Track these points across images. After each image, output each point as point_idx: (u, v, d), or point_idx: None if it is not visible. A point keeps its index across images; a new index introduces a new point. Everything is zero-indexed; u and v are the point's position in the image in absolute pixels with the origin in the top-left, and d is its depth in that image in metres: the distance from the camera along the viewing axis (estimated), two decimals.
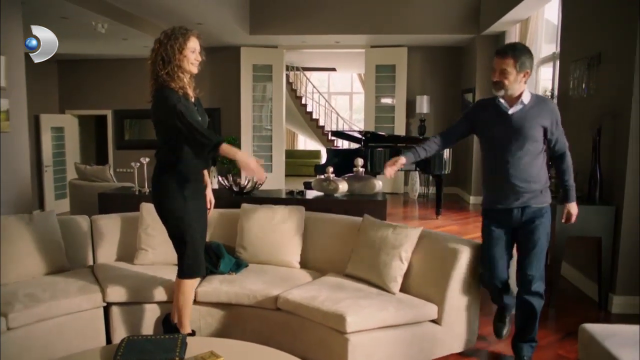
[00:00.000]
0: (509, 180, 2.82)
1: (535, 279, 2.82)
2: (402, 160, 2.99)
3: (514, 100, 2.78)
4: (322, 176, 4.29)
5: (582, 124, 4.30)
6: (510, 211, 2.87)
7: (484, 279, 3.02)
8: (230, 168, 8.99)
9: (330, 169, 4.21)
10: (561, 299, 4.05)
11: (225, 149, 2.60)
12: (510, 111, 2.79)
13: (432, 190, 9.29)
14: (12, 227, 3.20)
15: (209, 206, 3.14)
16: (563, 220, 3.03)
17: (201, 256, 2.90)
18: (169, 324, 2.99)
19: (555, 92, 5.13)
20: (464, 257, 2.97)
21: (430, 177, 9.05)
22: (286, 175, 10.09)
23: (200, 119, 2.74)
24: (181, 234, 2.80)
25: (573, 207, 3.03)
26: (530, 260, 2.83)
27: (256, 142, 9.89)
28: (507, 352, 3.13)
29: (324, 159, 13.00)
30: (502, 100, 2.81)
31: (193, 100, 2.81)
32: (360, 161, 4.23)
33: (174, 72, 2.69)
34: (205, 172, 3.10)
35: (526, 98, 2.77)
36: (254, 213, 3.61)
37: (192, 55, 2.75)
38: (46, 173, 9.11)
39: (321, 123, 13.56)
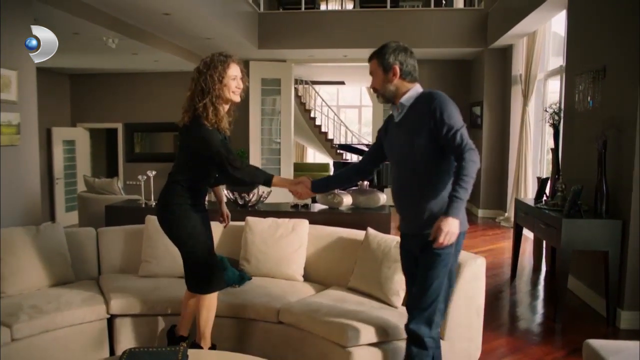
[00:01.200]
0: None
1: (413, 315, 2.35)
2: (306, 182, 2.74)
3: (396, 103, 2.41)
4: None
5: (587, 137, 4.28)
6: (407, 235, 2.50)
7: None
8: None
9: None
10: (568, 313, 4.00)
11: (277, 182, 2.69)
12: (396, 118, 2.43)
13: None
14: (19, 239, 3.25)
15: (226, 220, 3.19)
16: (431, 238, 2.18)
17: (219, 267, 2.91)
18: (173, 336, 3.00)
19: (562, 105, 5.11)
20: (467, 271, 2.95)
21: None
22: None
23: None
24: (200, 253, 2.78)
25: (445, 223, 2.13)
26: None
27: (265, 155, 9.94)
28: None
29: (332, 172, 13.06)
30: (394, 110, 2.45)
31: (228, 134, 2.78)
32: None
33: (212, 103, 2.62)
34: (220, 187, 3.16)
35: (406, 99, 2.37)
36: (258, 226, 3.63)
37: (234, 83, 2.69)
38: (57, 185, 9.22)
39: (330, 136, 13.59)
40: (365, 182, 4.29)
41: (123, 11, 6.01)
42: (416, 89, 2.39)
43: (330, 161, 13.70)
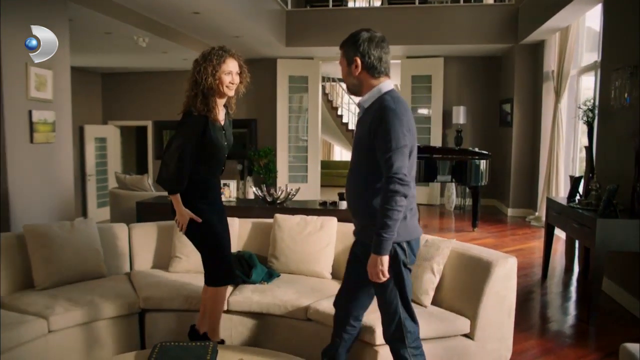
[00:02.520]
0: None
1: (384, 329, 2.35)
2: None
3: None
4: None
5: (623, 134, 4.16)
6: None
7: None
8: (265, 179, 9.10)
9: None
10: (602, 316, 3.90)
11: (173, 199, 2.75)
12: (359, 115, 2.34)
13: (468, 202, 9.15)
14: (55, 234, 3.33)
15: None
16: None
17: (232, 262, 2.96)
18: (196, 334, 3.00)
19: (597, 102, 4.98)
20: (499, 271, 2.90)
21: (467, 189, 8.92)
22: (321, 186, 10.12)
23: (224, 142, 2.83)
24: (212, 244, 2.83)
25: (371, 263, 2.13)
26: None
27: (292, 153, 9.97)
28: None
29: None
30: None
31: (223, 123, 2.84)
32: None
33: (203, 94, 2.69)
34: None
35: (366, 99, 2.25)
36: (286, 223, 3.64)
37: (227, 77, 2.73)
38: (89, 182, 9.43)
39: None
40: None
41: (154, 10, 6.11)
42: (380, 87, 2.22)
43: None
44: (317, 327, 2.99)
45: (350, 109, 14.22)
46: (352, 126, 13.66)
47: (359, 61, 2.22)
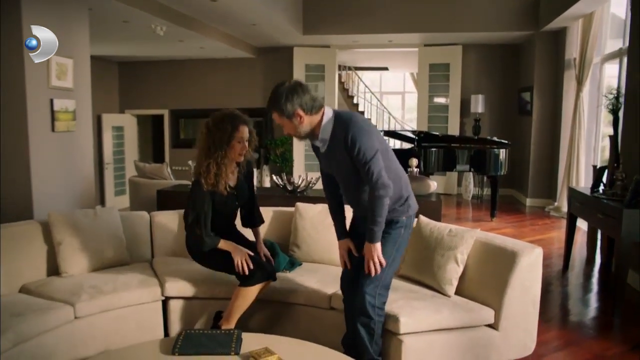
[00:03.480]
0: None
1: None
2: (346, 247, 2.74)
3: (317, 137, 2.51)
4: None
5: None
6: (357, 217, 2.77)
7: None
8: (283, 167, 9.10)
9: None
10: (627, 308, 3.84)
11: (222, 244, 2.91)
12: (322, 149, 2.56)
13: (486, 191, 9.07)
14: (80, 221, 3.35)
15: (263, 258, 3.12)
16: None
17: (260, 264, 2.97)
18: (218, 320, 3.04)
19: (623, 90, 4.87)
20: (524, 261, 2.87)
21: (485, 178, 8.83)
22: None
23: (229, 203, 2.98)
24: (232, 263, 2.92)
25: (367, 250, 2.50)
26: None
27: (308, 142, 9.91)
28: None
29: None
30: (317, 144, 2.57)
31: (233, 184, 2.97)
32: (414, 161, 4.17)
33: (216, 163, 2.80)
34: (257, 229, 3.23)
35: (324, 132, 2.46)
36: (308, 212, 3.63)
37: (239, 145, 2.84)
38: (106, 170, 9.51)
39: (373, 122, 13.48)
40: (415, 169, 4.22)
41: None
42: (327, 114, 2.45)
43: None
44: (340, 316, 2.95)
45: (366, 98, 14.13)
46: (368, 115, 13.59)
47: (300, 111, 2.41)
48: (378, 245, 2.49)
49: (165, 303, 3.21)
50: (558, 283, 4.61)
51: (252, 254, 3.00)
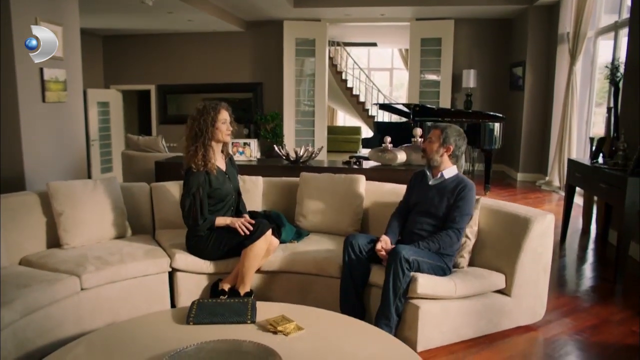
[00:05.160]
0: None
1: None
2: (388, 240, 2.93)
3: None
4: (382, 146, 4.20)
5: None
6: None
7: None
8: (274, 143, 8.99)
9: (388, 139, 4.11)
10: (628, 276, 3.89)
11: (219, 221, 3.04)
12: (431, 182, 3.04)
13: (477, 167, 9.10)
14: (79, 191, 3.24)
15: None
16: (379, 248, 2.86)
17: (258, 221, 3.02)
18: (216, 289, 3.05)
19: (621, 62, 4.86)
20: (537, 228, 2.87)
21: (476, 154, 8.86)
22: (327, 151, 10.01)
23: (221, 187, 3.09)
24: (234, 239, 3.01)
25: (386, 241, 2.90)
26: None
27: (299, 117, 9.82)
28: (576, 326, 3.04)
29: (364, 134, 12.89)
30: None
31: (223, 168, 3.14)
32: (419, 131, 4.13)
33: (203, 145, 2.99)
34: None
35: (447, 173, 2.99)
36: (313, 182, 3.57)
37: (224, 126, 3.05)
38: (92, 147, 9.28)
39: (361, 99, 13.39)
40: (420, 139, 4.18)
41: None
42: (454, 167, 3.03)
43: (362, 124, 13.54)
44: None
45: (354, 74, 14.00)
46: (356, 91, 13.49)
47: (452, 147, 2.97)
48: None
49: (171, 275, 3.14)
50: (557, 253, 4.64)
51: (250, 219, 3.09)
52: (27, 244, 3.09)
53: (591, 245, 4.98)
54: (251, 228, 2.97)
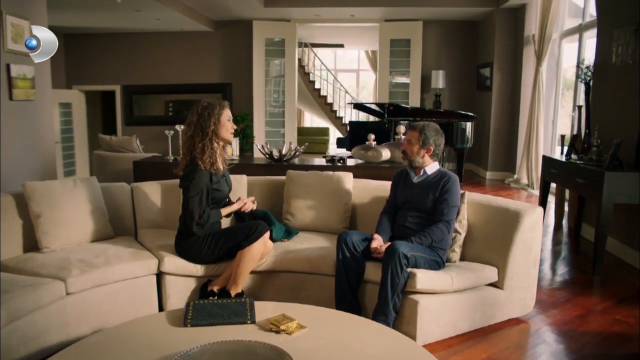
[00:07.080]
0: None
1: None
2: (381, 239, 2.95)
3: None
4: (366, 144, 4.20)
5: (627, 91, 4.23)
6: None
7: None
8: (244, 144, 8.87)
9: (372, 137, 4.11)
10: (604, 267, 4.01)
11: (224, 211, 3.03)
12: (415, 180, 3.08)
13: (448, 166, 9.24)
14: (58, 192, 3.09)
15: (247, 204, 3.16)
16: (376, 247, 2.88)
17: (255, 223, 2.94)
18: (205, 291, 2.97)
19: (587, 63, 5.02)
20: (527, 221, 2.91)
21: (446, 153, 8.99)
22: None
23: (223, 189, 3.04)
24: (230, 236, 2.95)
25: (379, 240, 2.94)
26: None
27: (268, 118, 9.73)
28: (564, 317, 3.11)
29: (333, 136, 12.90)
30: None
31: (222, 170, 3.03)
32: (402, 128, 4.14)
33: (210, 142, 2.88)
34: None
35: (429, 169, 3.05)
36: (300, 179, 3.53)
37: (229, 123, 2.99)
38: (54, 149, 8.90)
39: (329, 100, 13.40)
40: (403, 136, 4.20)
41: None
42: (435, 164, 3.07)
43: (330, 125, 13.54)
44: None
45: (322, 76, 14.01)
46: (324, 92, 13.50)
47: (431, 148, 3.02)
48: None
49: (158, 277, 3.03)
50: None
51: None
52: (2, 248, 2.92)
53: (565, 239, 5.12)
54: (254, 206, 3.04)
